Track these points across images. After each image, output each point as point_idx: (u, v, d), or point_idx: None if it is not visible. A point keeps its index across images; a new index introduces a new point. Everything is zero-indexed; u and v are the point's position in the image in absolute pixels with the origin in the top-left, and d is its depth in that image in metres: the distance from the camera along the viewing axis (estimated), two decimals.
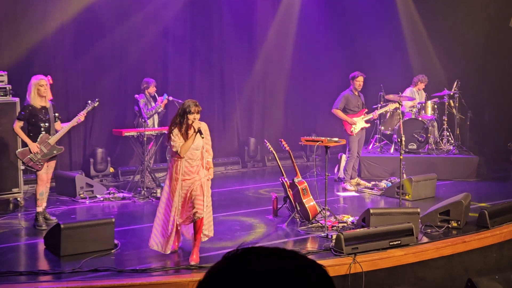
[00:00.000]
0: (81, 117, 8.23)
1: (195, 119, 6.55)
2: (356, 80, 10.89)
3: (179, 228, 6.89)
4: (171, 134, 6.58)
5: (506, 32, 14.35)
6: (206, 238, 6.86)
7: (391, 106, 11.45)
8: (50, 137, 8.03)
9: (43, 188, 8.12)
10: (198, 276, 5.15)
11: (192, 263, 6.52)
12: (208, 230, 6.82)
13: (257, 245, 7.47)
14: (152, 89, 10.90)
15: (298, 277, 1.36)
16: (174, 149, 6.58)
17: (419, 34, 14.66)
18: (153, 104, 10.84)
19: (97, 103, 8.54)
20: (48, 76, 8.23)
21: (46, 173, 8.13)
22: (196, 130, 6.55)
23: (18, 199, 9.38)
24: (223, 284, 1.35)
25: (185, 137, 6.58)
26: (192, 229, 6.84)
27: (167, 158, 11.60)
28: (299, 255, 1.42)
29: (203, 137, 6.61)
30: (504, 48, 14.51)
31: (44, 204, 8.22)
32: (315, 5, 14.54)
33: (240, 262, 1.38)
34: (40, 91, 7.94)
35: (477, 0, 14.21)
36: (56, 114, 8.20)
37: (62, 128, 8.20)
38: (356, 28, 14.99)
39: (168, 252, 6.77)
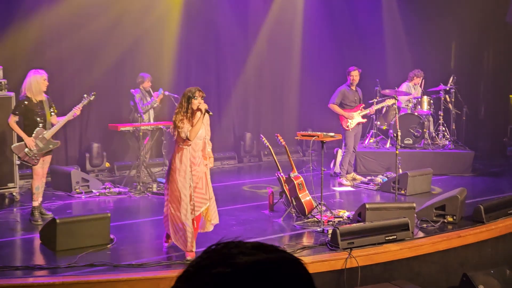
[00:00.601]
0: (77, 111, 8.20)
1: (200, 103, 6.47)
2: (351, 74, 10.89)
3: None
4: (176, 122, 6.45)
5: (501, 27, 14.38)
6: (212, 227, 6.86)
7: (389, 102, 11.45)
8: (46, 131, 8.01)
9: (39, 182, 8.11)
10: None
11: (189, 258, 6.51)
12: (214, 219, 6.82)
13: (252, 240, 7.47)
14: (147, 84, 10.89)
15: (277, 270, 1.36)
16: (182, 135, 6.40)
17: (415, 29, 14.65)
18: (148, 99, 10.82)
19: (93, 96, 8.50)
20: (46, 74, 8.18)
21: (41, 167, 8.12)
22: (204, 111, 6.45)
23: (14, 194, 9.36)
24: (201, 279, 1.34)
25: (192, 123, 6.48)
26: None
27: (163, 153, 11.59)
28: (278, 249, 1.42)
29: (211, 115, 6.52)
30: (499, 43, 14.54)
31: (40, 199, 8.21)
32: (311, 1, 14.51)
33: (220, 256, 1.38)
34: (42, 85, 7.93)
35: None
36: (53, 108, 8.18)
37: (58, 122, 8.17)
38: (352, 23, 15.00)
39: (189, 250, 6.51)
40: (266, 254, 1.39)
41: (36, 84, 7.90)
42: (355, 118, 10.91)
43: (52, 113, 8.18)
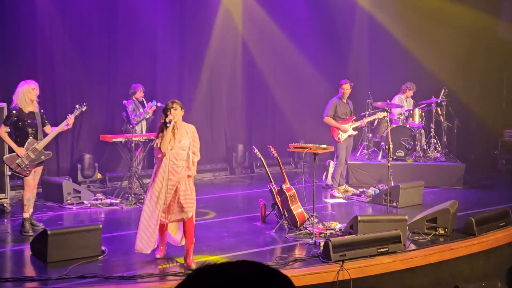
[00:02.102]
0: (69, 121, 8.17)
1: (170, 113, 6.58)
2: (343, 87, 10.95)
3: (165, 229, 6.90)
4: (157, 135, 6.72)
5: (492, 40, 14.48)
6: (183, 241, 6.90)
7: (380, 115, 11.48)
8: (38, 142, 7.98)
9: (30, 194, 8.07)
10: None
11: (193, 265, 6.60)
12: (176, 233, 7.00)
13: (245, 252, 7.50)
14: (139, 94, 10.89)
15: (263, 284, 1.37)
16: (155, 146, 6.71)
17: (407, 42, 14.73)
18: (141, 110, 10.81)
19: (85, 107, 8.49)
20: (37, 84, 8.16)
21: (33, 178, 8.08)
22: (167, 121, 6.56)
23: (5, 204, 9.31)
24: None
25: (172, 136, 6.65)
26: (179, 236, 6.90)
27: (155, 164, 11.55)
28: (263, 265, 1.43)
29: (167, 126, 6.54)
30: (490, 56, 14.63)
31: (31, 210, 8.16)
32: (304, 14, 14.59)
33: (204, 276, 1.40)
34: (32, 95, 7.90)
35: (464, 9, 14.29)
36: (44, 120, 8.16)
37: (51, 132, 8.15)
38: (344, 36, 15.07)
39: (150, 250, 6.73)
40: (251, 270, 1.40)
41: (25, 94, 7.88)
42: (348, 131, 10.96)
43: (46, 125, 8.16)
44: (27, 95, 7.89)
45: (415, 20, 14.67)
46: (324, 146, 8.61)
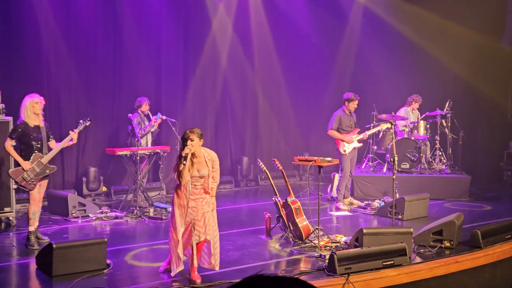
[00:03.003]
0: (73, 136, 8.21)
1: (186, 145, 6.47)
2: (352, 102, 10.91)
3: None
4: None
5: (497, 52, 14.49)
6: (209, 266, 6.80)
7: (383, 126, 11.49)
8: (43, 156, 8.01)
9: (36, 207, 8.09)
10: None
11: (198, 281, 6.51)
12: (215, 261, 6.76)
13: (250, 265, 7.47)
14: (145, 108, 10.91)
15: None
16: (174, 176, 6.61)
17: (413, 53, 14.75)
18: (147, 123, 10.84)
19: (89, 122, 8.53)
20: (42, 98, 8.21)
21: (38, 192, 8.10)
22: (183, 154, 6.46)
23: (10, 218, 9.33)
24: None
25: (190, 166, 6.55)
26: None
27: (160, 177, 11.59)
28: (299, 280, 1.43)
29: (184, 163, 6.42)
30: (495, 67, 14.63)
31: (36, 224, 8.18)
32: (310, 25, 14.63)
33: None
34: (35, 108, 7.94)
35: (468, 19, 14.31)
36: (49, 135, 8.19)
37: (56, 146, 8.18)
38: (349, 47, 15.10)
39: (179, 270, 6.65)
40: (290, 285, 1.40)
41: (28, 108, 7.93)
42: (353, 143, 10.96)
43: (50, 140, 8.20)
44: (30, 109, 7.94)
45: (420, 31, 14.70)
46: (329, 158, 8.60)
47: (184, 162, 6.41)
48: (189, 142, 6.46)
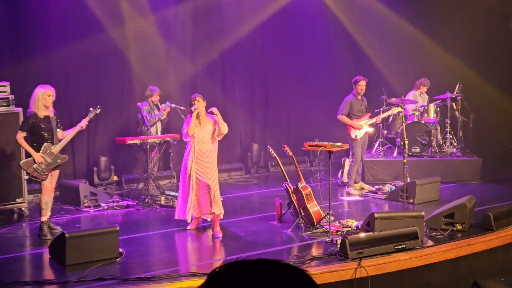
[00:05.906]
0: (83, 124, 8.24)
1: (193, 105, 8.08)
2: (358, 84, 10.90)
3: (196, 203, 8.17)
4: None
5: (507, 34, 14.37)
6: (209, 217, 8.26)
7: (394, 110, 11.44)
8: (54, 146, 8.03)
9: (48, 197, 8.13)
10: None
11: (220, 234, 7.92)
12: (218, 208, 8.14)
13: (262, 251, 7.50)
14: (155, 98, 10.91)
15: (283, 283, 1.36)
16: (184, 131, 8.12)
17: (421, 37, 14.65)
18: (156, 112, 10.84)
19: (99, 110, 8.53)
20: (53, 89, 8.19)
21: (50, 182, 8.14)
22: (192, 109, 8.06)
23: (23, 209, 9.39)
24: None
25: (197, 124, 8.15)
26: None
27: (171, 166, 11.61)
28: (282, 263, 1.42)
29: (191, 111, 8.10)
30: (505, 49, 14.52)
31: (49, 214, 8.23)
32: (317, 11, 14.55)
33: (224, 278, 1.39)
34: (47, 101, 7.94)
35: (478, 2, 14.19)
36: (59, 124, 8.20)
37: (64, 136, 8.19)
38: (357, 32, 15.01)
39: (182, 218, 8.20)
40: (270, 269, 1.39)
41: (40, 99, 7.92)
42: (363, 128, 10.91)
43: (59, 129, 8.21)
44: (42, 101, 7.93)
45: (428, 14, 14.59)
46: (339, 144, 8.59)
47: (193, 109, 8.05)
48: (195, 101, 8.11)
